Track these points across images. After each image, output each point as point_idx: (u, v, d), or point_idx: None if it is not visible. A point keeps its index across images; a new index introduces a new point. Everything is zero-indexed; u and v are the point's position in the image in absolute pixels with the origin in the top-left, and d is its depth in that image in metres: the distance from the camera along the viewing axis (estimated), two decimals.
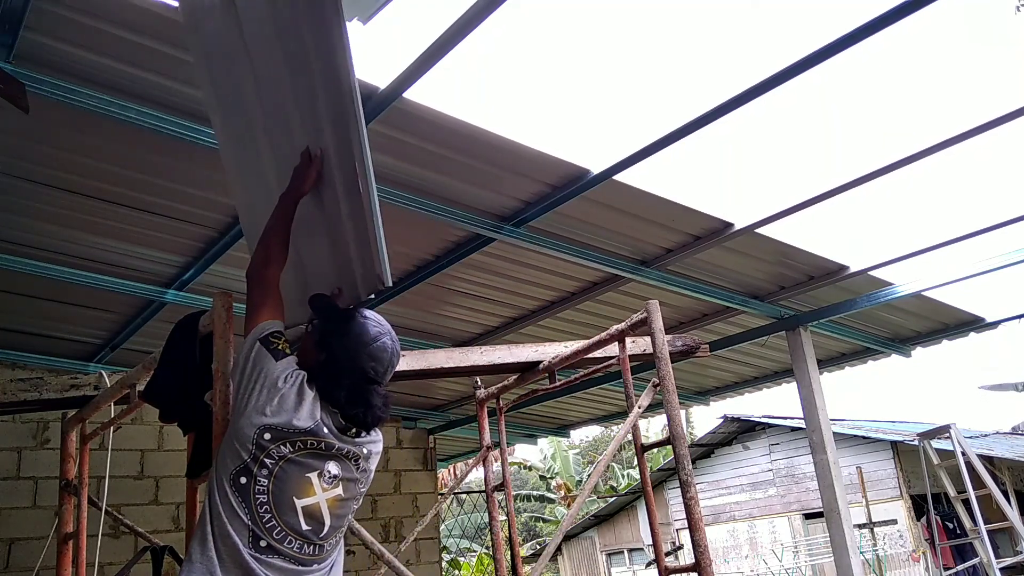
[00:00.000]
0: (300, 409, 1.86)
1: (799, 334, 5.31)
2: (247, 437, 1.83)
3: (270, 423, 1.84)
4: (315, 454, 1.88)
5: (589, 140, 57.68)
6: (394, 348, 2.01)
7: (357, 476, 1.98)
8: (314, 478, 1.87)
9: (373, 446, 2.03)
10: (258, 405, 1.85)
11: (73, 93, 2.73)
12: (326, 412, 1.91)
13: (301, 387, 1.90)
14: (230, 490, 1.81)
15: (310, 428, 1.86)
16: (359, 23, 2.60)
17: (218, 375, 2.53)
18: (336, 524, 1.93)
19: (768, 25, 58.46)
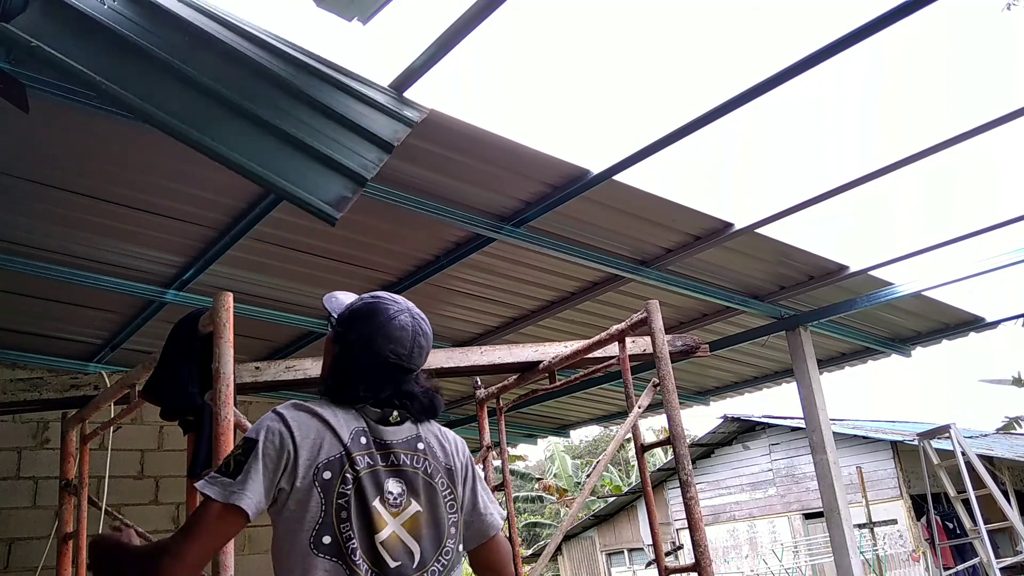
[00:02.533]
0: (329, 435, 1.56)
1: (799, 334, 5.31)
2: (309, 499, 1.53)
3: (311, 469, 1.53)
4: (369, 474, 1.56)
5: (589, 140, 57.70)
6: (416, 326, 1.66)
7: (431, 479, 1.62)
8: (378, 506, 1.54)
9: (431, 434, 1.68)
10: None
11: (73, 93, 2.73)
12: (356, 417, 1.61)
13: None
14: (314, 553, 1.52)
15: (344, 452, 1.54)
16: (359, 23, 2.60)
17: (218, 375, 2.54)
18: (431, 546, 1.58)
19: (768, 25, 58.44)
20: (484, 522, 1.73)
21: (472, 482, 1.72)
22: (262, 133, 2.44)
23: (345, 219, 3.82)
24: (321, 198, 2.35)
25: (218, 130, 2.37)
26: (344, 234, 3.99)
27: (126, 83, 2.31)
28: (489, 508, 1.74)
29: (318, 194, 2.35)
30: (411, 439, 1.63)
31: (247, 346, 5.12)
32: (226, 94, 2.42)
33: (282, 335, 5.36)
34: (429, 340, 1.70)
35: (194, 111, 2.38)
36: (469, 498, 1.71)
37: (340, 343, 1.69)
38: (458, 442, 1.73)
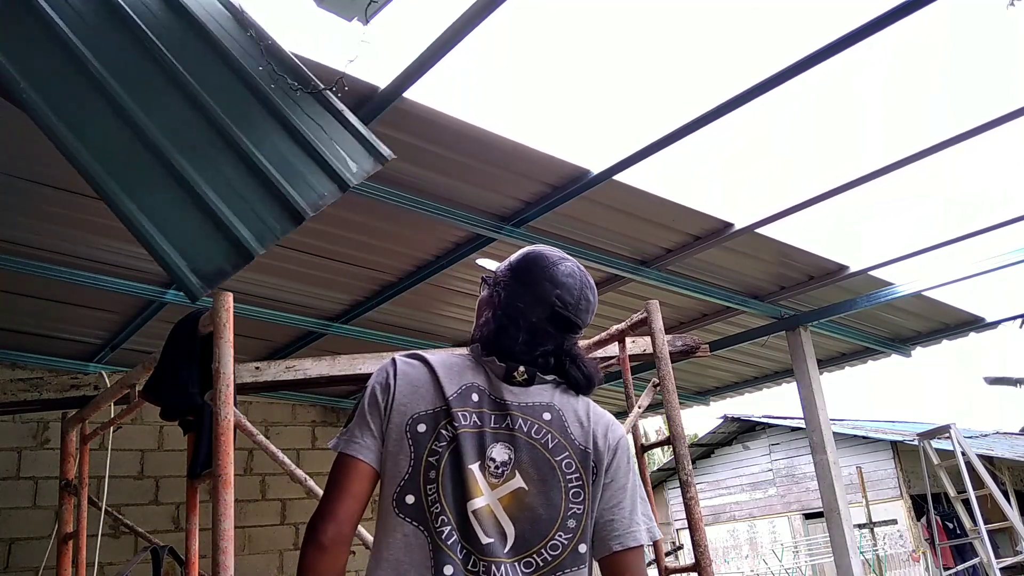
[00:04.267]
0: (432, 387, 1.40)
1: (799, 334, 5.32)
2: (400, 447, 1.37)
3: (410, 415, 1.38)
4: (470, 434, 1.36)
5: (589, 140, 57.75)
6: (584, 278, 1.48)
7: (551, 455, 1.36)
8: (476, 471, 1.34)
9: (572, 407, 1.43)
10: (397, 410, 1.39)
11: None
12: (478, 371, 1.43)
13: (428, 368, 1.43)
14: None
15: (445, 407, 1.37)
16: (359, 23, 2.60)
17: (218, 375, 2.54)
18: (532, 533, 1.33)
19: (768, 26, 58.41)
20: (617, 529, 1.38)
21: (618, 478, 1.41)
22: (166, 176, 2.18)
23: (345, 219, 3.84)
24: (195, 267, 2.06)
25: (129, 176, 2.12)
26: (344, 234, 3.99)
27: (61, 105, 2.11)
28: (629, 516, 1.40)
29: (195, 262, 2.06)
30: (538, 405, 1.40)
31: (247, 346, 5.12)
32: (151, 131, 2.19)
33: (282, 335, 5.36)
34: (596, 297, 1.50)
35: (115, 150, 2.15)
36: (609, 496, 1.40)
37: (502, 292, 1.47)
38: (611, 428, 1.45)
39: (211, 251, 2.11)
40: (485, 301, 1.52)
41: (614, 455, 1.42)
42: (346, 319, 5.04)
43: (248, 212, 2.20)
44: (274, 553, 6.31)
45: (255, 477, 6.36)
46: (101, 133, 2.17)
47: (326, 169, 2.41)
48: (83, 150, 2.11)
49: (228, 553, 2.36)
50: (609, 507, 1.39)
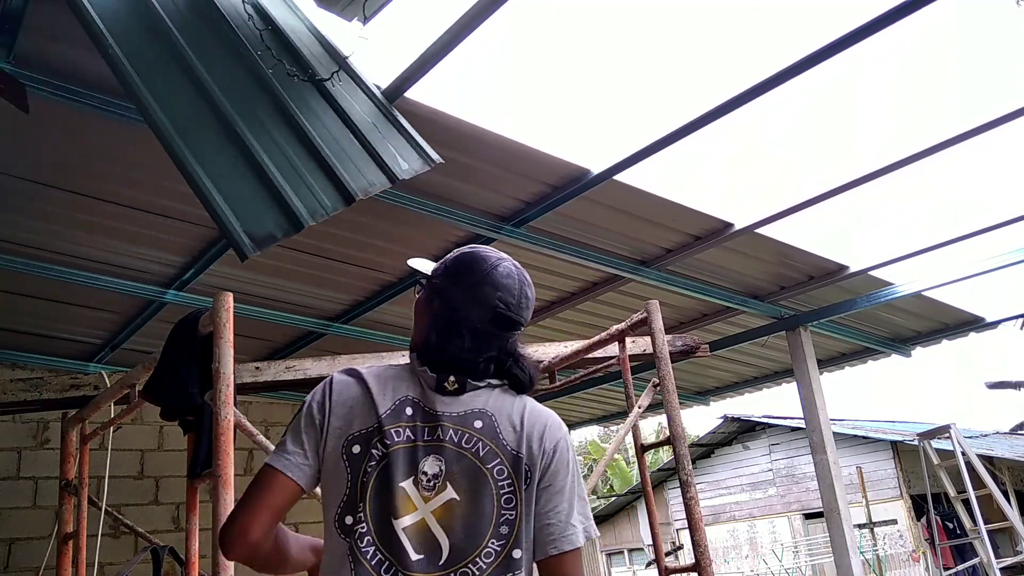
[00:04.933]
0: (366, 405, 1.39)
1: (799, 334, 5.32)
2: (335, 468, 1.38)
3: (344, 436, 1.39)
4: (402, 450, 1.35)
5: (589, 140, 57.71)
6: (521, 275, 1.48)
7: (481, 464, 1.36)
8: (408, 487, 1.34)
9: (507, 411, 1.41)
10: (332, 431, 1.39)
11: (73, 93, 2.73)
12: (412, 383, 1.42)
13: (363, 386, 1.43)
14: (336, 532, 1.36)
15: (377, 425, 1.37)
16: (359, 23, 2.60)
17: (218, 375, 2.54)
18: (465, 543, 1.33)
19: (769, 26, 58.45)
20: (553, 533, 1.37)
21: (555, 482, 1.39)
22: (229, 144, 2.33)
23: (345, 219, 3.83)
24: (247, 229, 2.17)
25: (198, 140, 2.30)
26: (344, 234, 3.99)
27: (145, 72, 2.25)
28: (566, 519, 1.38)
29: (244, 220, 2.18)
30: (470, 413, 1.39)
31: (247, 346, 5.12)
32: (223, 104, 2.37)
33: (282, 335, 5.36)
34: (533, 293, 1.50)
35: (188, 117, 2.32)
36: (546, 499, 1.38)
37: (440, 297, 1.47)
38: (549, 430, 1.42)
39: (264, 216, 2.24)
40: (422, 306, 1.51)
41: (551, 458, 1.40)
42: (346, 319, 5.04)
43: (302, 187, 2.34)
44: None
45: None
46: (176, 96, 2.32)
47: (377, 160, 2.55)
48: (157, 109, 2.25)
49: None
50: (545, 511, 1.38)
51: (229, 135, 2.33)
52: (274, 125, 2.43)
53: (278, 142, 2.39)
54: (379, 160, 2.55)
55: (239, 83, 2.47)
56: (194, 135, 2.27)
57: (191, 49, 2.39)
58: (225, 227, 2.15)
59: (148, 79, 2.26)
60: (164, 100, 2.27)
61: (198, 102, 2.36)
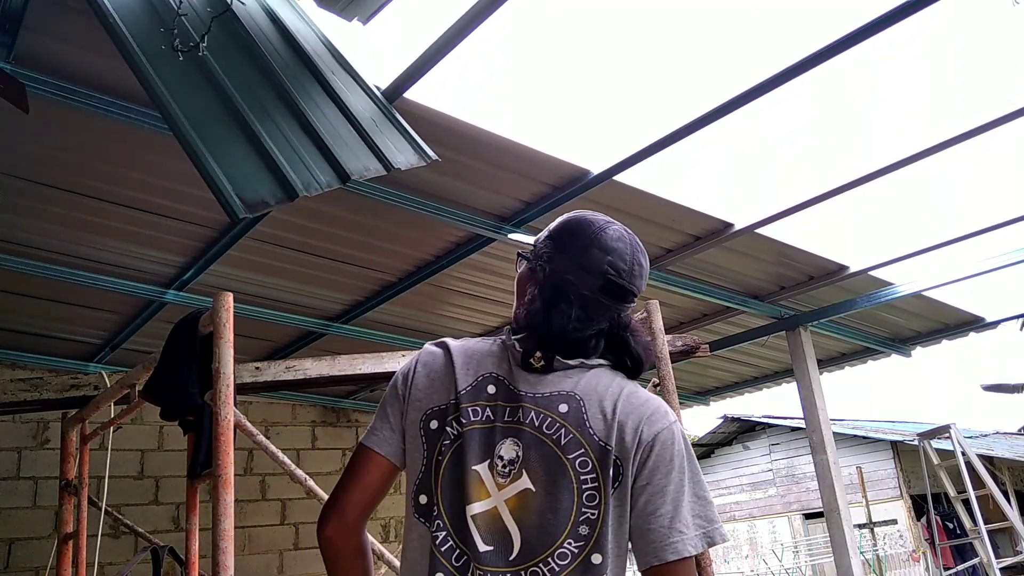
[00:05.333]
0: (447, 380, 1.31)
1: (799, 334, 5.31)
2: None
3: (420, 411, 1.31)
4: (478, 430, 1.25)
5: (589, 140, 57.69)
6: (633, 240, 1.39)
7: (562, 453, 1.21)
8: (483, 472, 1.23)
9: (599, 395, 1.25)
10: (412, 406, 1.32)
11: (73, 93, 2.73)
12: (502, 360, 1.31)
13: (446, 357, 1.34)
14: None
15: (455, 401, 1.27)
16: (359, 23, 2.61)
17: (218, 375, 2.54)
18: (538, 540, 1.19)
19: (769, 26, 58.43)
20: (654, 541, 1.18)
21: (654, 480, 1.20)
22: (228, 117, 2.34)
23: (345, 219, 3.84)
24: (238, 191, 2.14)
25: (196, 109, 2.27)
26: (344, 234, 3.99)
27: (159, 66, 2.25)
28: (669, 525, 1.18)
29: (238, 186, 2.14)
30: (555, 395, 1.24)
31: (247, 346, 5.12)
32: (226, 84, 2.38)
33: (282, 335, 5.36)
34: (647, 262, 1.38)
35: (190, 92, 2.30)
36: (645, 501, 1.19)
37: (544, 265, 1.35)
38: (649, 421, 1.23)
39: (258, 183, 2.22)
40: (526, 277, 1.40)
41: (648, 453, 1.21)
42: (346, 319, 5.04)
43: (298, 161, 2.34)
44: (274, 553, 6.31)
45: (255, 477, 6.35)
46: (180, 77, 2.32)
47: (373, 150, 2.57)
48: (157, 80, 2.24)
49: (228, 553, 2.36)
50: (644, 515, 1.19)
51: (230, 111, 2.34)
52: (275, 109, 2.46)
53: (278, 123, 2.41)
54: (376, 150, 2.57)
55: (244, 71, 2.50)
56: (193, 104, 2.26)
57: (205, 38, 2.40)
58: (216, 187, 2.11)
59: (151, 57, 2.27)
60: (168, 79, 2.26)
61: (201, 82, 2.37)
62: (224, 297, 2.62)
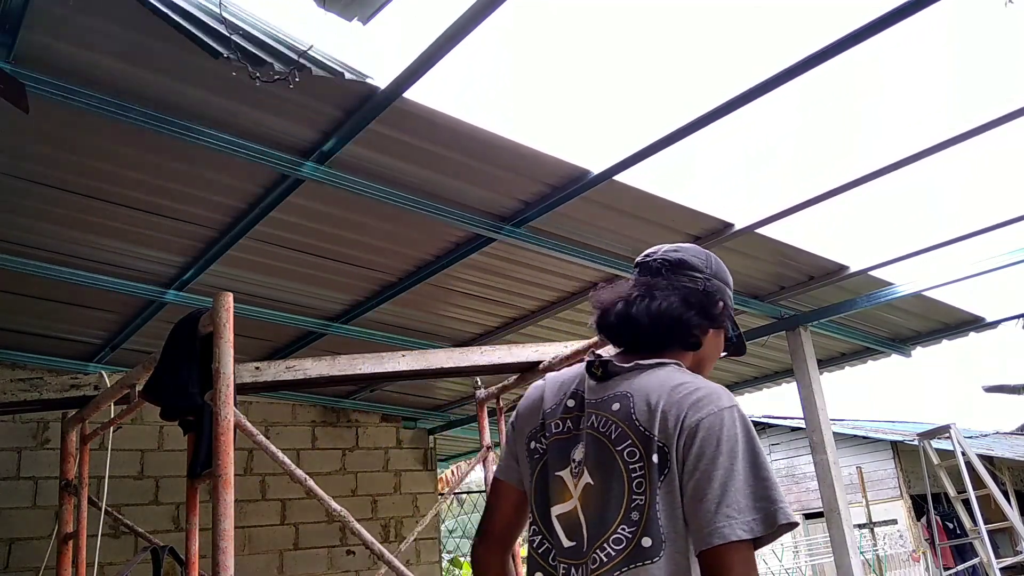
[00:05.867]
0: (539, 404, 1.50)
1: (799, 334, 5.31)
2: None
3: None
4: (558, 440, 1.41)
5: (589, 140, 57.69)
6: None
7: (613, 446, 1.32)
8: (566, 476, 1.38)
9: (646, 391, 1.33)
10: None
11: (73, 93, 2.73)
12: (582, 377, 1.46)
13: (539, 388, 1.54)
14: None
15: (541, 420, 1.46)
16: (359, 23, 2.60)
17: (218, 375, 2.54)
18: (595, 529, 1.30)
19: (770, 26, 58.45)
20: (702, 526, 1.20)
21: (700, 466, 1.23)
22: None
23: (345, 219, 3.84)
24: None
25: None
26: (344, 234, 3.99)
27: None
28: (715, 510, 1.19)
29: None
30: (610, 397, 1.36)
31: (247, 346, 5.12)
32: None
33: (282, 335, 5.36)
34: (685, 253, 1.65)
35: None
36: (692, 487, 1.23)
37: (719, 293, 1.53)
38: (693, 408, 1.27)
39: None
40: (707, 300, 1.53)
41: (692, 440, 1.24)
42: (346, 319, 5.04)
43: None
44: (274, 553, 6.31)
45: (255, 477, 6.36)
46: None
47: None
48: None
49: (228, 553, 2.36)
50: (692, 501, 1.22)
51: None
52: None
53: None
54: None
55: None
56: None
57: None
58: None
59: None
60: None
61: None
62: (224, 297, 2.62)
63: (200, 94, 2.87)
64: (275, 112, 3.01)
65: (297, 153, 3.25)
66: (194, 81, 2.80)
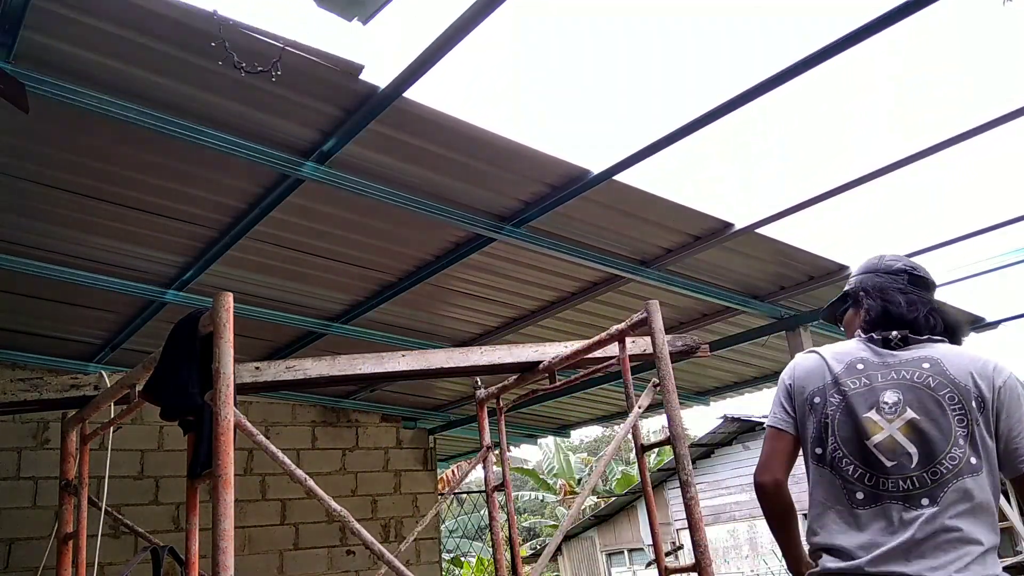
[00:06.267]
0: (820, 370, 1.98)
1: (799, 334, 5.31)
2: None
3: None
4: (858, 393, 1.90)
5: (589, 140, 57.76)
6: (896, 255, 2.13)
7: (933, 392, 1.83)
8: (874, 416, 1.86)
9: (945, 356, 1.88)
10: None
11: (73, 93, 2.73)
12: (861, 348, 1.98)
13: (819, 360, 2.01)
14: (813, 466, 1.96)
15: (833, 379, 1.93)
16: (359, 23, 2.60)
17: (218, 375, 2.53)
18: (932, 448, 1.79)
19: (770, 25, 58.52)
20: (1016, 454, 1.83)
21: (1011, 412, 1.81)
22: None
23: (345, 219, 3.84)
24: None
25: None
26: (344, 234, 3.99)
27: None
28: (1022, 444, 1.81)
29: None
30: (916, 358, 1.89)
31: (247, 346, 5.12)
32: None
33: (282, 335, 5.36)
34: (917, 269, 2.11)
35: None
36: (1007, 428, 1.81)
37: (866, 286, 2.11)
38: (994, 370, 1.84)
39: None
40: (852, 315, 2.15)
41: (1000, 395, 1.82)
42: (346, 319, 5.04)
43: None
44: (274, 553, 6.31)
45: (255, 477, 6.36)
46: None
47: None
48: None
49: (228, 553, 2.36)
50: (1008, 437, 1.81)
51: None
52: None
53: None
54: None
55: None
56: None
57: None
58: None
59: None
60: None
61: None
62: (224, 297, 2.61)
63: (200, 94, 2.87)
64: (275, 112, 3.01)
65: (297, 153, 3.25)
66: (194, 81, 2.80)
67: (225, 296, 2.62)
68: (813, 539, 1.94)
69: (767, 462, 2.03)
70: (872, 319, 2.00)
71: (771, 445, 2.04)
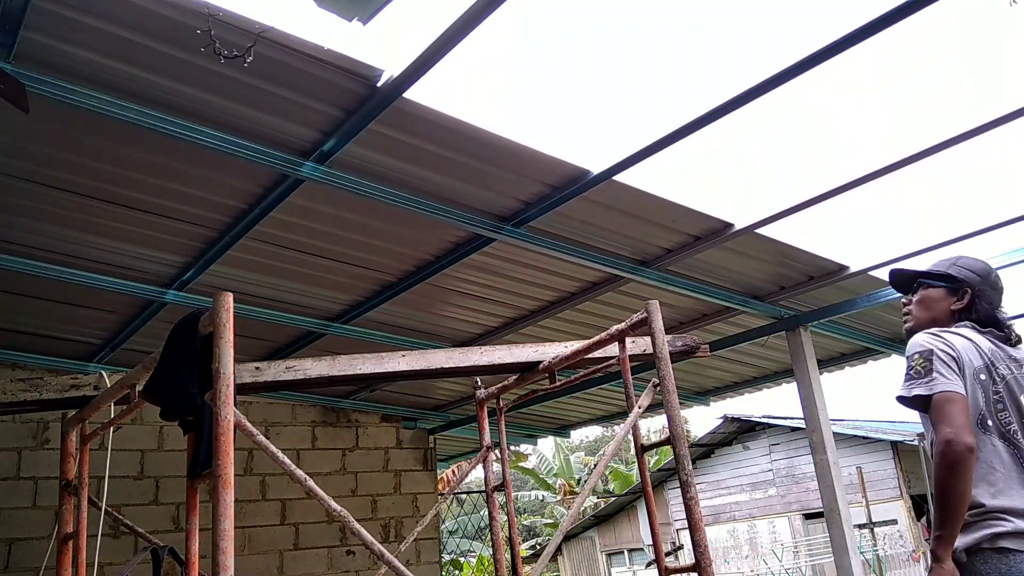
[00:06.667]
0: (976, 350, 2.24)
1: (799, 334, 5.31)
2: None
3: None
4: (1011, 377, 2.23)
5: (589, 140, 57.73)
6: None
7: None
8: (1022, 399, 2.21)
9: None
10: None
11: (73, 93, 2.73)
12: (987, 341, 2.28)
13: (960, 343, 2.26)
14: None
15: (990, 362, 2.22)
16: (359, 23, 2.60)
17: (218, 375, 2.53)
18: None
19: (770, 25, 58.51)
20: None
21: None
22: None
23: (345, 219, 3.84)
24: None
25: None
26: (344, 234, 3.99)
27: None
28: None
29: None
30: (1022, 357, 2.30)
31: (247, 346, 5.12)
32: None
33: (282, 335, 5.36)
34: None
35: None
36: None
37: (980, 293, 2.41)
38: None
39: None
40: (969, 299, 2.42)
41: None
42: (346, 319, 5.04)
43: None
44: (274, 553, 6.31)
45: (255, 477, 6.36)
46: None
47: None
48: None
49: (228, 553, 2.36)
50: None
51: None
52: None
53: None
54: None
55: None
56: None
57: None
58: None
59: None
60: None
61: None
62: (224, 297, 2.61)
63: (200, 94, 2.87)
64: (275, 112, 3.01)
65: (297, 153, 3.25)
66: (194, 81, 2.80)
67: (225, 296, 2.62)
68: (992, 502, 2.07)
69: (965, 424, 2.08)
70: (980, 320, 2.34)
71: (957, 408, 2.11)
